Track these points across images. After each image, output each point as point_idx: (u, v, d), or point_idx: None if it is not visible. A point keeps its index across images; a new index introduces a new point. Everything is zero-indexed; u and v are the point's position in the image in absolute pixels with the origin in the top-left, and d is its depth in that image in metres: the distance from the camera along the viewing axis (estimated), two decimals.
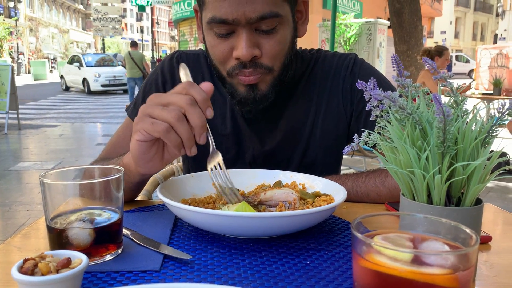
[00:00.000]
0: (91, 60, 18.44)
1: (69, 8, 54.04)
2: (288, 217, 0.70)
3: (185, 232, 0.80)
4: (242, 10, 0.91)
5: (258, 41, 0.96)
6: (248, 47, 0.94)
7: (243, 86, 1.02)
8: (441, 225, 0.52)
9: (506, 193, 4.53)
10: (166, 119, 0.75)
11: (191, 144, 0.77)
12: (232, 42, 0.96)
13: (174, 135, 0.76)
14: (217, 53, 0.99)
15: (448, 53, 5.96)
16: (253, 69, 0.98)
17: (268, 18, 0.93)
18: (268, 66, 0.99)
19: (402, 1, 7.36)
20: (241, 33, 0.94)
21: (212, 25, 0.95)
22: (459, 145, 0.58)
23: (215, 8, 0.93)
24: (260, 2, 0.91)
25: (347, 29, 9.59)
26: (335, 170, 1.21)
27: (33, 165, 5.60)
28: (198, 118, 0.75)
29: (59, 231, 0.61)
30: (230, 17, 0.92)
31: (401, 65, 0.64)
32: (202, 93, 0.77)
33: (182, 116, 0.75)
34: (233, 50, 0.97)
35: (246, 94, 1.02)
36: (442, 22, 43.97)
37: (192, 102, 0.76)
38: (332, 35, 4.27)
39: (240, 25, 0.93)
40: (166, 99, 0.77)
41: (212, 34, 0.98)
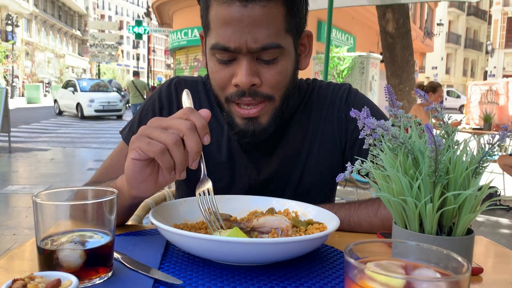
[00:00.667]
0: (85, 85, 18.51)
1: (67, 34, 54.60)
2: (281, 243, 0.70)
3: (176, 257, 0.79)
4: (244, 39, 0.93)
5: (259, 70, 0.97)
6: (247, 75, 0.95)
7: (241, 119, 1.02)
8: (433, 253, 0.52)
9: (497, 228, 4.53)
10: (163, 141, 0.76)
11: (183, 168, 0.79)
12: (233, 69, 0.98)
13: (168, 157, 0.77)
14: (218, 79, 1.01)
15: (442, 90, 6.07)
16: (252, 98, 0.99)
17: (270, 49, 0.95)
18: (268, 95, 1.00)
19: (394, 36, 7.53)
20: (242, 61, 0.96)
21: (215, 51, 0.97)
22: (450, 175, 0.59)
23: (218, 35, 0.95)
24: (262, 33, 0.93)
25: (340, 62, 9.76)
26: (329, 199, 1.21)
27: (22, 188, 5.53)
28: (195, 144, 0.77)
29: (49, 252, 0.61)
30: (232, 45, 0.94)
31: (394, 95, 0.65)
32: (202, 119, 0.79)
33: (180, 141, 0.77)
34: (233, 77, 0.98)
35: (245, 127, 1.02)
36: (434, 57, 44.96)
37: (192, 128, 0.77)
38: (326, 67, 4.34)
39: (242, 53, 0.95)
40: (167, 123, 0.78)
41: (214, 60, 1.00)
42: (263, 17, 0.92)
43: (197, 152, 0.78)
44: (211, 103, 1.16)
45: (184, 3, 19.47)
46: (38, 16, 44.29)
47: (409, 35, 7.68)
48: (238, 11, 0.91)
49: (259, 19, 0.92)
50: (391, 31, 7.51)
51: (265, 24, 0.93)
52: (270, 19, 0.93)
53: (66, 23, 54.34)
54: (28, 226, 4.05)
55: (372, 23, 18.80)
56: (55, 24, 49.48)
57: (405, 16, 7.52)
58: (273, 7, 0.93)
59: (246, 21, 0.91)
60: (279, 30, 0.96)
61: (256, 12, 0.91)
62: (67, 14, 54.92)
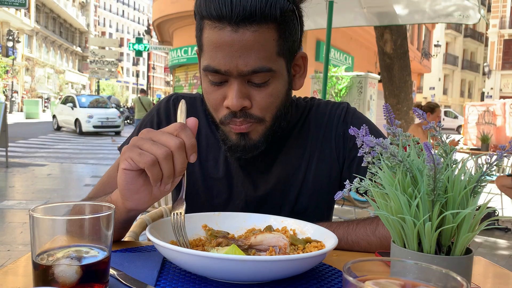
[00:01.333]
0: (84, 101, 18.57)
1: (67, 50, 54.99)
2: (278, 261, 0.70)
3: (173, 274, 0.78)
4: (235, 63, 0.93)
5: (249, 93, 0.98)
6: (238, 98, 0.96)
7: (234, 134, 1.03)
8: (431, 272, 0.52)
9: (495, 249, 4.51)
10: (154, 153, 0.76)
11: (169, 181, 0.80)
12: (225, 91, 0.99)
13: (158, 170, 0.77)
14: (211, 100, 1.02)
15: (440, 111, 6.11)
16: (244, 119, 1.00)
17: (260, 72, 0.95)
18: (259, 117, 1.01)
19: (392, 57, 7.61)
20: (232, 83, 0.97)
21: (207, 72, 0.98)
22: (448, 193, 0.59)
23: (210, 58, 0.96)
24: (253, 57, 0.93)
25: (338, 81, 9.83)
26: (326, 217, 1.21)
27: (18, 204, 5.49)
28: (181, 163, 0.78)
29: (45, 268, 0.60)
30: (222, 68, 0.95)
31: (392, 113, 0.66)
32: (191, 138, 0.79)
33: (170, 155, 0.77)
34: (225, 99, 0.99)
35: (236, 142, 1.03)
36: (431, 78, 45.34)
37: (181, 146, 0.78)
38: (324, 86, 4.37)
39: (233, 76, 0.96)
40: (157, 137, 0.79)
41: (207, 80, 1.01)
42: (254, 42, 0.92)
43: (181, 171, 0.79)
44: (208, 121, 1.17)
45: (184, 22, 19.68)
46: (39, 33, 44.66)
47: (407, 55, 7.76)
48: (229, 35, 0.92)
49: (249, 44, 0.92)
50: (389, 51, 7.59)
51: (256, 48, 0.93)
52: (261, 44, 0.94)
53: (67, 39, 54.78)
54: (22, 242, 4.01)
55: (370, 43, 19.03)
56: (55, 40, 49.87)
57: (402, 37, 7.61)
58: (265, 32, 0.93)
59: (236, 46, 0.92)
60: (271, 54, 0.96)
61: (246, 37, 0.92)
62: (68, 30, 55.42)
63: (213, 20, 0.93)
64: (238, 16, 0.90)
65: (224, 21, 0.91)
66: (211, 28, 0.94)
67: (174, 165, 0.78)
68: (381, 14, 4.91)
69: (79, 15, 57.77)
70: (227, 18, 0.91)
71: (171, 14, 19.95)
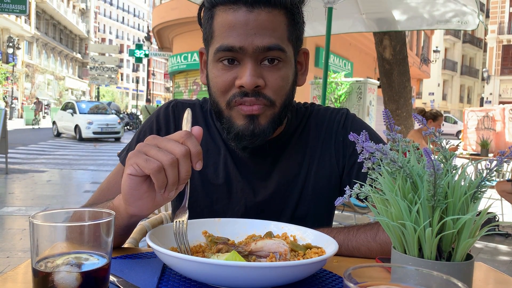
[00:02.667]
0: (84, 108, 18.58)
1: (67, 56, 55.10)
2: (279, 268, 0.69)
3: (173, 281, 0.78)
4: (250, 39, 0.97)
5: (262, 73, 1.00)
6: (252, 76, 0.98)
7: (242, 118, 1.02)
8: (432, 278, 0.52)
9: (496, 255, 4.49)
10: (160, 160, 0.76)
11: (173, 188, 0.79)
12: (237, 72, 1.00)
13: (163, 176, 0.77)
14: (220, 83, 1.02)
15: (442, 120, 6.12)
16: (255, 99, 1.00)
17: (274, 50, 0.98)
18: (271, 98, 1.02)
19: (391, 62, 7.63)
20: (246, 62, 0.99)
21: (219, 54, 1.00)
22: (449, 199, 0.59)
23: (223, 38, 0.98)
24: (268, 35, 0.97)
25: (338, 87, 9.85)
26: (326, 223, 1.20)
27: (18, 210, 5.48)
28: (186, 171, 0.78)
29: (45, 275, 0.60)
30: (237, 44, 0.97)
31: (392, 120, 0.66)
32: (197, 146, 0.79)
33: (176, 162, 0.77)
34: (236, 80, 1.00)
35: (244, 127, 1.02)
36: (430, 84, 45.43)
37: (186, 154, 0.78)
38: (324, 92, 4.37)
39: (247, 55, 0.98)
40: (163, 144, 0.79)
41: (217, 66, 1.02)
42: (268, 22, 0.97)
43: (185, 178, 0.79)
44: (208, 125, 1.18)
45: (184, 28, 19.75)
46: (40, 39, 44.78)
47: (406, 61, 7.77)
48: (244, 15, 0.96)
49: (264, 23, 0.97)
50: (388, 57, 7.61)
51: (271, 28, 0.98)
52: (274, 25, 0.98)
53: (67, 46, 54.92)
54: (22, 249, 4.00)
55: (369, 49, 19.09)
56: (56, 47, 50.00)
57: (402, 43, 7.63)
58: (277, 15, 0.98)
59: (252, 24, 0.96)
60: (283, 36, 1.00)
61: (262, 17, 0.96)
62: (68, 37, 55.57)
63: (227, 4, 0.97)
64: None
65: (239, 3, 0.96)
66: (224, 11, 0.98)
67: (179, 172, 0.78)
68: (380, 20, 4.93)
69: (79, 21, 57.95)
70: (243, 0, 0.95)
71: (171, 20, 20.02)
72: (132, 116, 29.31)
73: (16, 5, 10.47)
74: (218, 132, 1.17)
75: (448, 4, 4.42)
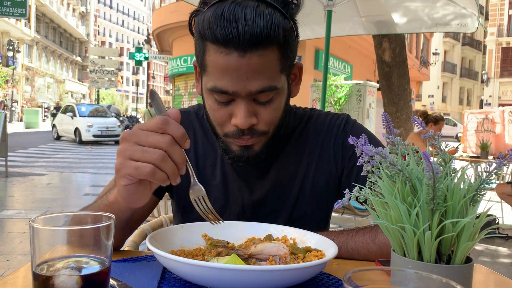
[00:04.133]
0: (84, 111, 18.59)
1: (67, 60, 55.15)
2: (279, 271, 0.70)
3: (173, 284, 0.78)
4: (243, 84, 0.95)
5: (256, 110, 1.01)
6: (246, 117, 0.98)
7: (237, 146, 1.06)
8: (432, 281, 0.52)
9: (496, 257, 4.49)
10: (150, 161, 0.75)
11: (176, 176, 0.78)
12: (231, 109, 1.00)
13: (161, 174, 0.76)
14: (217, 117, 1.04)
15: (443, 124, 6.11)
16: (251, 136, 1.03)
17: (266, 91, 0.98)
18: (264, 131, 1.04)
19: (391, 65, 7.64)
20: (239, 103, 0.98)
21: (213, 92, 1.00)
22: (448, 202, 0.59)
23: (216, 79, 0.97)
24: (260, 78, 0.95)
25: (337, 90, 9.86)
26: (324, 225, 1.21)
27: (17, 213, 5.48)
28: (179, 156, 0.77)
29: (45, 278, 0.60)
30: (230, 89, 0.96)
31: (391, 123, 0.66)
32: (179, 129, 0.77)
33: (166, 155, 0.75)
34: (232, 117, 1.01)
35: (239, 154, 1.06)
36: (430, 86, 45.48)
37: (172, 142, 0.76)
38: (323, 95, 4.38)
39: (240, 97, 0.98)
40: (145, 140, 0.76)
41: (212, 99, 1.02)
42: (260, 64, 0.94)
43: (182, 162, 0.78)
44: (204, 131, 1.20)
45: (183, 31, 19.75)
46: (39, 42, 44.83)
47: (406, 64, 7.79)
48: (236, 60, 0.93)
49: (256, 67, 0.94)
50: (387, 60, 7.63)
51: (262, 70, 0.95)
52: (266, 66, 0.96)
53: (67, 49, 54.98)
54: (22, 252, 3.99)
55: (368, 52, 19.10)
56: (56, 50, 50.06)
57: (401, 45, 7.65)
58: (269, 54, 0.95)
59: (244, 69, 0.94)
60: (275, 73, 0.99)
61: (253, 60, 0.93)
62: (68, 40, 55.63)
63: (218, 45, 0.93)
64: (245, 42, 0.91)
65: (230, 46, 0.92)
66: (216, 52, 0.94)
67: (174, 160, 0.76)
68: (379, 23, 4.94)
69: (79, 25, 58.04)
70: (234, 44, 0.91)
71: (170, 23, 20.04)
72: (132, 119, 29.31)
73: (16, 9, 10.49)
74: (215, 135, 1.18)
75: (447, 7, 4.42)
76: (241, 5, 0.91)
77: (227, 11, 0.90)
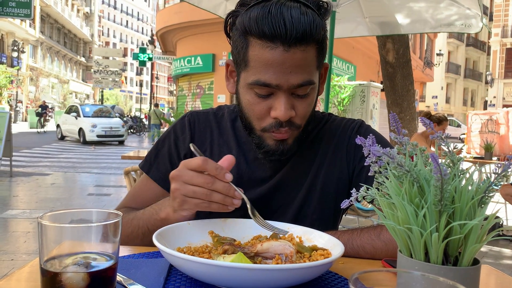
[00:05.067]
0: (88, 111, 18.64)
1: (71, 60, 55.32)
2: (285, 270, 0.70)
3: (179, 281, 0.78)
4: (286, 78, 1.00)
5: (294, 104, 1.06)
6: (286, 110, 1.03)
7: (273, 140, 1.10)
8: (438, 284, 0.52)
9: (500, 259, 4.47)
10: (200, 198, 0.91)
11: (230, 202, 0.93)
12: (271, 102, 1.05)
13: (215, 205, 0.92)
14: (256, 111, 1.08)
15: (446, 125, 6.11)
16: (288, 128, 1.07)
17: (306, 85, 1.03)
18: (299, 125, 1.09)
19: (394, 66, 7.61)
20: (280, 96, 1.03)
21: (255, 86, 1.04)
22: (456, 204, 0.59)
23: (260, 73, 1.02)
24: (301, 72, 1.01)
25: (341, 91, 9.85)
26: (332, 226, 1.21)
27: (22, 213, 5.50)
28: (222, 189, 0.91)
29: (52, 274, 0.60)
30: (274, 82, 1.01)
31: (400, 123, 0.66)
32: (215, 166, 0.92)
33: (211, 191, 0.91)
34: (271, 110, 1.06)
35: (275, 147, 1.11)
36: (434, 87, 45.34)
37: (212, 181, 0.91)
38: (327, 95, 4.38)
39: (281, 90, 1.03)
40: (189, 180, 0.92)
41: (252, 93, 1.07)
42: (302, 60, 1.00)
43: (228, 192, 0.92)
44: (221, 131, 1.24)
45: (187, 32, 19.82)
46: (44, 43, 45.01)
47: (409, 64, 7.76)
48: (281, 54, 0.99)
49: (299, 62, 1.00)
50: (391, 60, 7.60)
51: (304, 65, 1.01)
52: (307, 61, 1.02)
53: (71, 49, 55.16)
54: (26, 252, 4.01)
55: (372, 52, 19.08)
56: (60, 51, 50.22)
57: (405, 46, 7.63)
58: (310, 51, 1.02)
59: (288, 64, 0.99)
60: (313, 69, 1.06)
61: (297, 55, 0.99)
62: (72, 41, 55.81)
63: (264, 40, 0.99)
64: (292, 38, 0.97)
65: (277, 41, 0.98)
66: (261, 47, 1.00)
67: (220, 193, 0.91)
68: (383, 24, 4.93)
69: (83, 25, 58.22)
70: (281, 39, 0.97)
71: (174, 24, 20.08)
72: (135, 119, 29.37)
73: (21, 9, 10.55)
74: (233, 135, 1.23)
75: (451, 7, 4.41)
76: (286, 5, 0.99)
77: (274, 9, 0.98)
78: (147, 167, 1.24)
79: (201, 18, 16.30)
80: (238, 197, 0.93)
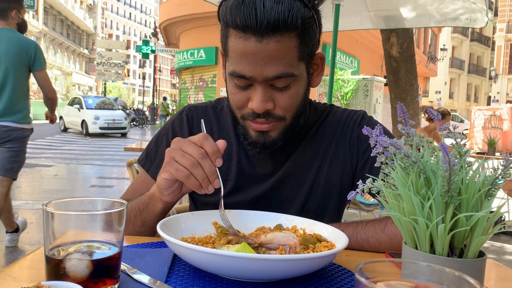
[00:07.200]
0: (91, 103, 18.65)
1: (74, 52, 55.27)
2: (289, 260, 0.69)
3: (183, 271, 0.79)
4: (260, 69, 0.98)
5: (272, 95, 1.04)
6: (261, 102, 1.02)
7: (254, 131, 1.09)
8: (444, 274, 0.51)
9: (502, 254, 4.48)
10: (185, 166, 0.91)
11: (206, 184, 0.92)
12: (249, 93, 1.04)
13: (193, 180, 0.91)
14: (235, 100, 1.08)
15: (449, 119, 6.11)
16: (265, 119, 1.06)
17: (283, 77, 1.00)
18: (280, 116, 1.06)
19: (398, 60, 7.58)
20: (257, 87, 1.02)
21: (234, 77, 1.03)
22: (462, 195, 0.59)
23: (235, 64, 1.01)
24: (276, 64, 0.98)
25: (344, 85, 9.82)
26: (336, 219, 1.21)
27: (25, 204, 5.52)
28: (207, 168, 0.91)
29: (57, 262, 0.60)
30: (248, 74, 1.00)
31: (407, 114, 0.66)
32: (213, 146, 0.92)
33: (197, 163, 0.91)
34: (249, 101, 1.04)
35: (256, 139, 1.10)
36: (437, 82, 45.19)
37: (203, 155, 0.91)
38: (330, 89, 4.36)
39: (257, 81, 1.01)
40: (185, 147, 0.93)
41: (232, 83, 1.06)
42: (277, 50, 0.97)
43: (211, 174, 0.91)
44: (220, 125, 1.24)
45: (190, 25, 19.75)
46: (47, 35, 44.94)
47: (413, 59, 7.73)
48: (254, 45, 0.96)
49: (273, 53, 0.97)
50: (395, 55, 7.57)
51: (279, 56, 0.98)
52: (283, 52, 0.98)
53: (74, 41, 55.09)
54: (29, 242, 4.03)
55: (376, 47, 19.01)
56: (63, 43, 50.16)
57: (409, 40, 7.59)
58: (287, 41, 0.98)
59: (261, 55, 0.97)
60: (292, 60, 1.01)
61: (270, 46, 0.96)
62: (75, 33, 55.73)
63: (238, 30, 0.98)
64: (262, 28, 0.94)
65: (248, 31, 0.96)
66: (236, 37, 0.99)
67: (204, 171, 0.91)
68: (387, 18, 4.90)
69: (87, 17, 58.11)
70: (252, 29, 0.95)
71: (177, 16, 20.01)
72: (138, 112, 29.37)
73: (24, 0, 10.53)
74: (233, 129, 1.21)
75: (456, 1, 4.38)
76: None
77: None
78: (147, 165, 1.24)
79: (205, 10, 16.25)
80: (216, 185, 0.92)
